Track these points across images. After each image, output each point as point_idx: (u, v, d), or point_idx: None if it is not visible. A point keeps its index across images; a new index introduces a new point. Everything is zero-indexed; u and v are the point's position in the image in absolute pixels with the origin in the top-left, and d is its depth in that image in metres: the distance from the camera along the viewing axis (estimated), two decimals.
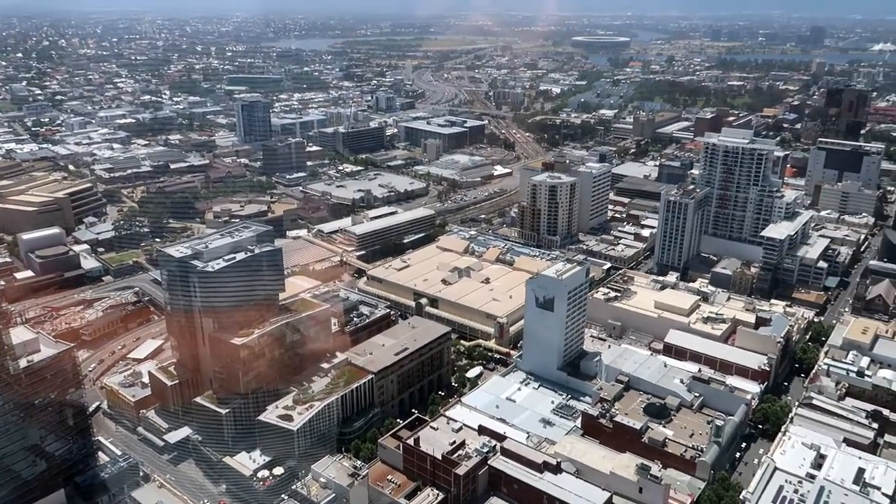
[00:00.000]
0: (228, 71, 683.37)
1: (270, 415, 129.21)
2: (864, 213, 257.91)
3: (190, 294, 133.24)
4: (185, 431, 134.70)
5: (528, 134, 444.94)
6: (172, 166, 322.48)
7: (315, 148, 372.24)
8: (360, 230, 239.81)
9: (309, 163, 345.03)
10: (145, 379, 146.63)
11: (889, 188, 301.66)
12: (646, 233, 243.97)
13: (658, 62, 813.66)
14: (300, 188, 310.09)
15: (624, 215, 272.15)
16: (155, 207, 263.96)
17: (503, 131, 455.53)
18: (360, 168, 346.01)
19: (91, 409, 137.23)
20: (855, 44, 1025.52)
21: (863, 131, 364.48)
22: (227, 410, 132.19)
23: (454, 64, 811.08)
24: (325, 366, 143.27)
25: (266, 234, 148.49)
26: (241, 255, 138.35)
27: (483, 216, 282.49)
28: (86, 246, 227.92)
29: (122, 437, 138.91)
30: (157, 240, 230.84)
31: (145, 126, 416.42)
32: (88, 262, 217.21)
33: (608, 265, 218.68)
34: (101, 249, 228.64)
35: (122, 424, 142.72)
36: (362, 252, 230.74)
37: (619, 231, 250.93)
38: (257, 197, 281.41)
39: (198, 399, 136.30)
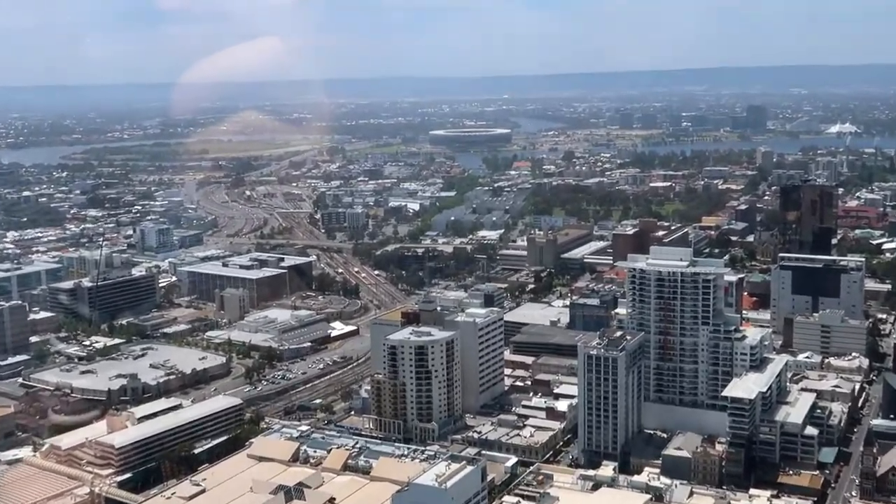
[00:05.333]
0: None
1: None
2: (853, 354, 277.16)
3: None
4: None
5: (377, 272, 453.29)
6: None
7: (44, 314, 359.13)
8: (122, 440, 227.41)
9: (34, 338, 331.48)
10: None
11: (880, 315, 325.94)
12: (562, 406, 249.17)
13: (553, 160, 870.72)
14: (19, 381, 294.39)
15: (528, 382, 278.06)
16: None
17: (340, 270, 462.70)
18: (120, 341, 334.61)
19: None
20: (806, 125, 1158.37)
21: (834, 240, 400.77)
22: None
23: (260, 175, 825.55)
24: None
25: None
26: None
27: (319, 401, 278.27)
28: None
29: None
30: None
31: None
32: None
33: (514, 459, 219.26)
34: None
35: None
36: (127, 475, 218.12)
37: (525, 407, 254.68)
38: None
39: None
